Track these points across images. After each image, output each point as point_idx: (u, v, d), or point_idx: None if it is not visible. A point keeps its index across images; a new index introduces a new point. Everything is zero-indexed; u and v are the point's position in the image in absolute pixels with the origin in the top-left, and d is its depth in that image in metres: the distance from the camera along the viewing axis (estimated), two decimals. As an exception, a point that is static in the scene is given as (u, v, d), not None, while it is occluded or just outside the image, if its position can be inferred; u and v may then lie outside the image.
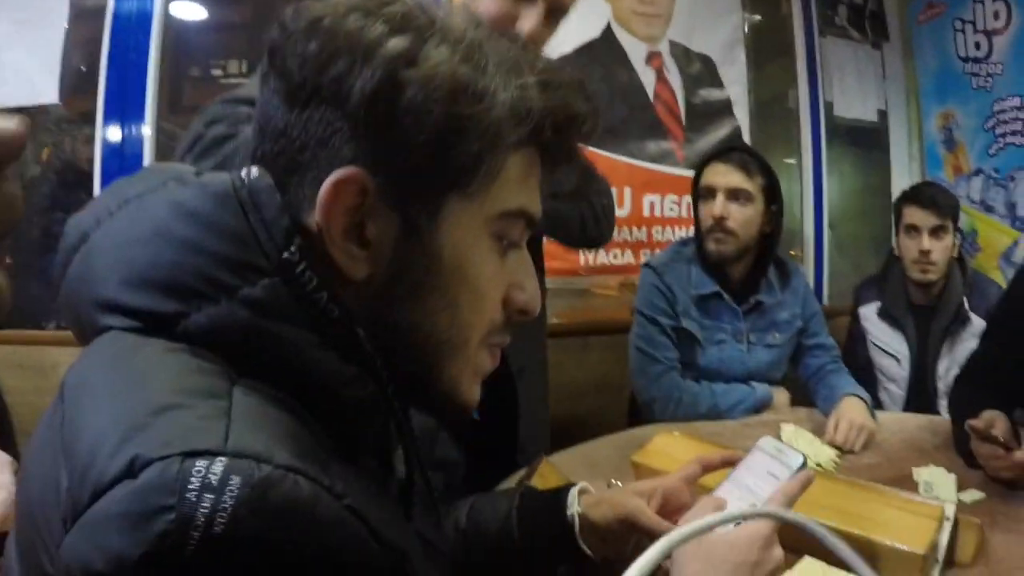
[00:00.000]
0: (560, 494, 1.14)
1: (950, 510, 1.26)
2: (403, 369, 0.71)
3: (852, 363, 2.95)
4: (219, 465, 0.52)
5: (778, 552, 0.91)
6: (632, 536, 1.10)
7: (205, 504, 0.50)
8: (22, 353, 2.58)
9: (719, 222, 2.30)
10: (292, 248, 0.64)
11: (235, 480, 0.51)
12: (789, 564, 1.22)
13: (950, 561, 1.28)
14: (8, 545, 0.65)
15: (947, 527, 1.25)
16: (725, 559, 0.88)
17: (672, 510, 1.11)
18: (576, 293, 3.53)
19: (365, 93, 0.64)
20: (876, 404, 2.72)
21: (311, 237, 0.66)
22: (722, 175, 2.34)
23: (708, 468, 1.10)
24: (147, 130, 2.75)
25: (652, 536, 1.04)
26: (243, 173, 0.67)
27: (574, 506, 1.11)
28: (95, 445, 0.54)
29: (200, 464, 0.51)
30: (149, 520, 0.50)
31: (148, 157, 2.76)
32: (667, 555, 0.54)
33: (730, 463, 1.08)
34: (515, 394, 1.71)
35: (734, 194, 2.31)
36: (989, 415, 1.66)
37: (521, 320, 0.77)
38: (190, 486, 0.50)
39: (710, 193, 2.35)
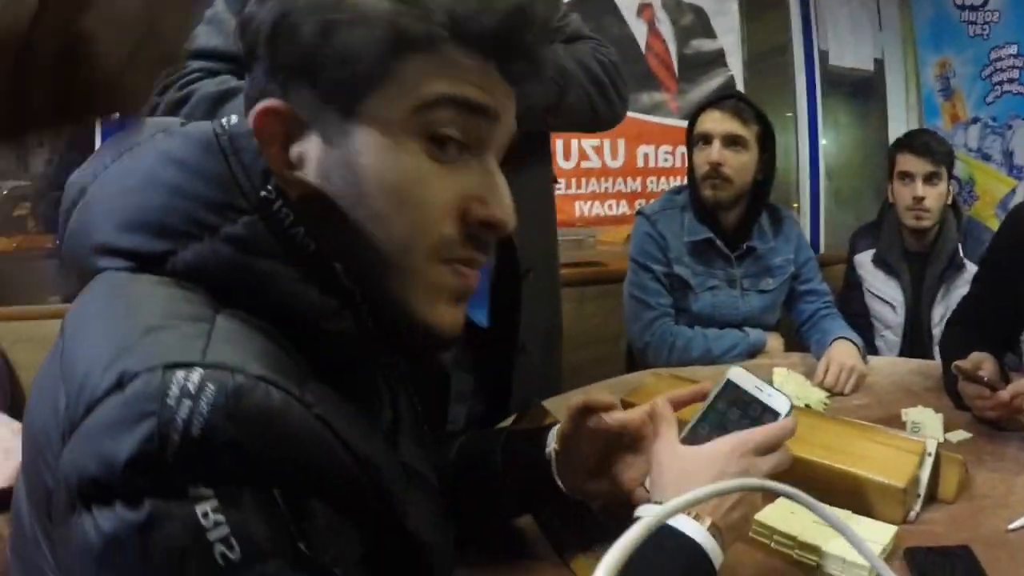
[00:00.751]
0: (542, 432, 1.14)
1: (932, 446, 1.27)
2: (373, 296, 0.73)
3: (848, 310, 2.97)
4: (196, 374, 0.57)
5: (756, 460, 0.93)
6: (606, 473, 1.11)
7: (184, 409, 0.55)
8: (32, 327, 2.61)
9: (715, 168, 2.32)
10: (268, 187, 0.68)
11: (210, 387, 0.56)
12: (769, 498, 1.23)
13: (933, 496, 1.29)
14: (16, 488, 0.69)
15: (928, 463, 1.25)
16: (702, 467, 0.92)
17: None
18: (573, 244, 3.55)
19: (265, 28, 0.71)
20: (872, 351, 2.76)
21: None
22: (718, 122, 2.35)
23: (678, 404, 1.09)
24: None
25: (613, 425, 1.08)
26: (224, 120, 0.72)
27: (551, 443, 1.11)
28: (90, 365, 0.59)
29: (179, 374, 0.57)
30: (134, 425, 0.55)
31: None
32: (654, 529, 0.54)
33: (701, 396, 1.06)
34: (518, 297, 1.67)
35: (730, 140, 2.33)
36: (977, 356, 1.67)
37: (490, 235, 0.76)
38: (170, 393, 0.55)
39: (705, 140, 2.36)
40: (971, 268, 2.69)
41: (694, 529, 0.85)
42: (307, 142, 0.73)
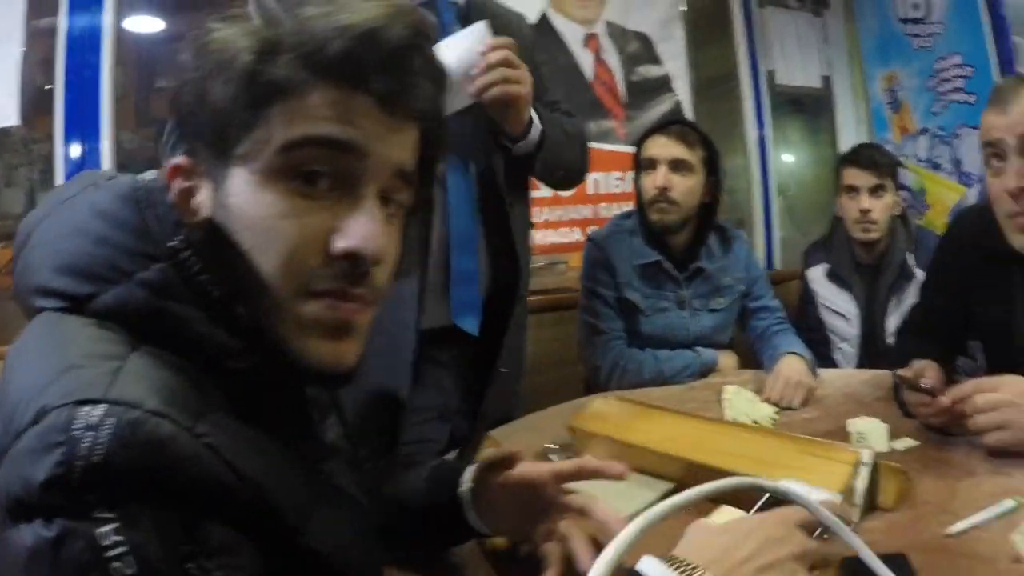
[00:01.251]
0: (459, 471, 1.14)
1: (867, 456, 1.26)
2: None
3: (804, 325, 3.00)
4: (99, 409, 0.64)
5: (803, 537, 0.86)
6: (532, 514, 1.11)
7: (87, 440, 0.62)
8: None
9: (662, 192, 2.33)
10: (178, 237, 0.76)
11: (110, 421, 0.63)
12: (705, 513, 1.24)
13: (874, 506, 1.29)
14: None
15: (865, 472, 1.25)
16: (751, 531, 0.83)
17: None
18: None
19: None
20: (831, 364, 2.77)
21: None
22: (663, 147, 2.37)
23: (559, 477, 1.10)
24: (106, 144, 2.76)
25: (555, 504, 1.08)
26: (144, 175, 0.81)
27: (467, 482, 1.11)
28: (19, 398, 0.67)
29: (85, 409, 0.64)
30: (47, 453, 0.62)
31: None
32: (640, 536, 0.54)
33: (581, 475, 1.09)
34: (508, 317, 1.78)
35: (675, 165, 2.35)
36: (920, 364, 1.67)
37: (352, 267, 0.77)
38: (75, 426, 0.63)
39: (651, 165, 2.38)
40: (922, 277, 2.71)
41: None
42: (204, 190, 0.78)
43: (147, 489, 0.63)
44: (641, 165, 2.42)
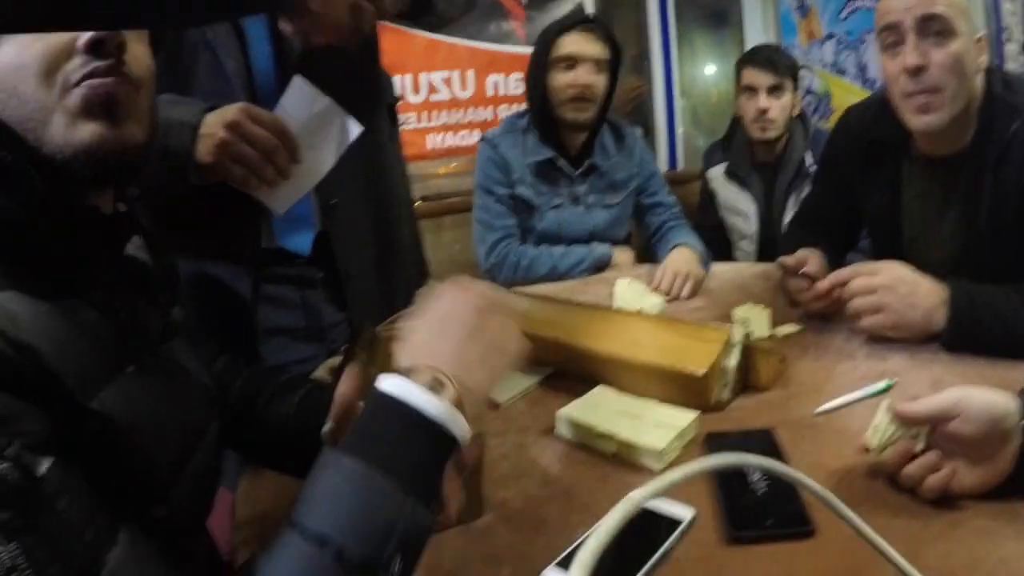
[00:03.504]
0: (325, 402, 1.07)
1: (737, 334, 1.27)
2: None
3: (706, 223, 3.03)
4: None
5: (501, 320, 0.86)
6: None
7: None
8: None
9: (586, 90, 2.32)
10: None
11: None
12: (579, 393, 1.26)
13: (746, 385, 1.30)
14: None
15: (735, 352, 1.26)
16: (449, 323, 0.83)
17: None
18: (425, 176, 3.51)
19: None
20: (730, 260, 2.78)
21: None
22: (584, 45, 2.34)
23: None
24: None
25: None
26: None
27: (329, 422, 1.05)
28: None
29: None
30: None
31: None
32: (628, 519, 0.50)
33: None
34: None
35: (597, 64, 2.34)
36: (802, 253, 1.67)
37: (99, 54, 0.81)
38: None
39: (571, 62, 2.34)
40: (817, 174, 2.73)
41: (438, 409, 0.73)
42: None
43: None
44: (554, 62, 2.36)
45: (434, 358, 0.77)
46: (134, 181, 0.94)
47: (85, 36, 0.80)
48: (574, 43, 2.34)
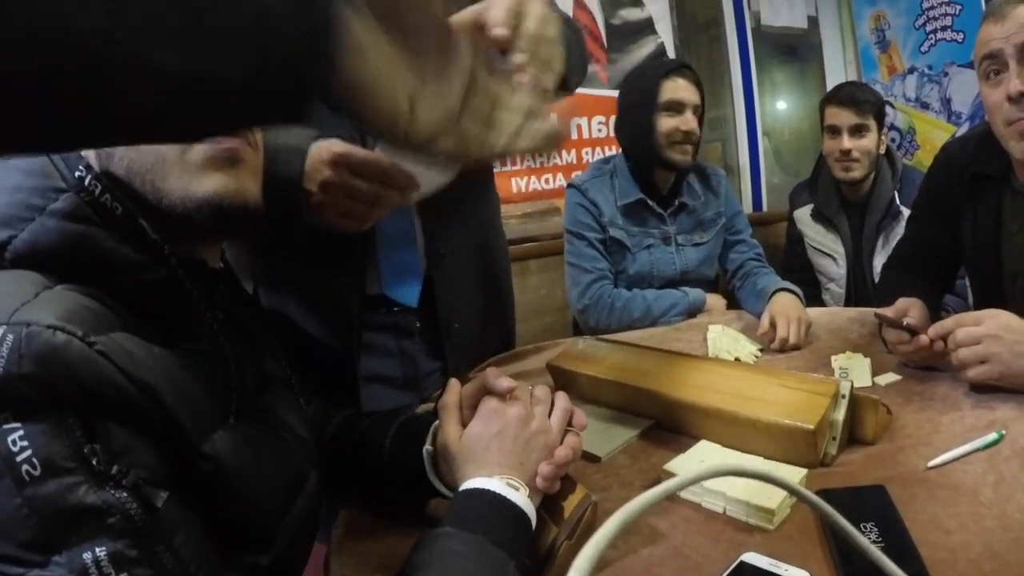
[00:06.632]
0: (424, 428, 1.11)
1: (845, 387, 1.24)
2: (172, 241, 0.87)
3: (792, 266, 3.00)
4: (1, 329, 0.68)
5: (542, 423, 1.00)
6: None
7: None
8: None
9: (691, 134, 2.39)
10: (80, 166, 0.81)
11: (10, 337, 0.68)
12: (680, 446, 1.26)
13: (853, 439, 1.28)
14: None
15: (843, 404, 1.23)
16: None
17: None
18: (506, 219, 3.51)
19: None
20: (819, 304, 2.75)
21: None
22: (687, 91, 2.40)
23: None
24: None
25: None
26: None
27: (429, 440, 1.09)
28: None
29: None
30: None
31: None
32: (621, 529, 0.53)
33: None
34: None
35: (695, 109, 2.41)
36: (903, 302, 1.64)
37: None
38: None
39: (678, 108, 2.39)
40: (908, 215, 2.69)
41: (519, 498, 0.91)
42: None
43: (46, 395, 0.68)
44: (661, 106, 2.39)
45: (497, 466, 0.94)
46: (247, 235, 1.00)
47: None
48: (680, 88, 2.40)
